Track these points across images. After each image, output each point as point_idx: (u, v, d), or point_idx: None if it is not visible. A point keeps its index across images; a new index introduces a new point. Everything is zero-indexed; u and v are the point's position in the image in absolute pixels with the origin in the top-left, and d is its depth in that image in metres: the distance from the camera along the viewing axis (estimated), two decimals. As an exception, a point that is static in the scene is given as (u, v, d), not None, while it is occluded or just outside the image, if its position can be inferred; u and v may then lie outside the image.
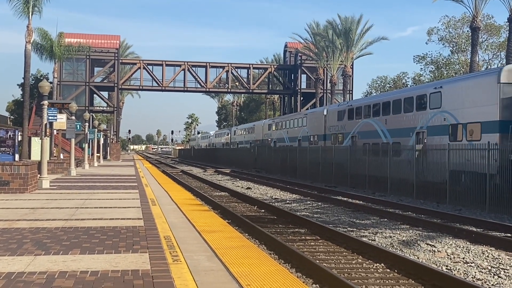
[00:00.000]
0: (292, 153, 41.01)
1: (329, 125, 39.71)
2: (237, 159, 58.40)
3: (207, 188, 30.35)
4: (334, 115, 38.51)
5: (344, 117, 36.52)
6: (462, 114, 23.41)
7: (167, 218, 11.84)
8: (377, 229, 15.03)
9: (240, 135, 77.17)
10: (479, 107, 22.26)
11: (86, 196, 17.06)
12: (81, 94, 71.09)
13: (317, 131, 42.72)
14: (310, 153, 37.28)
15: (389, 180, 26.52)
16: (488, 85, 21.79)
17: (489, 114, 21.62)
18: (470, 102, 22.92)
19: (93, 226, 10.46)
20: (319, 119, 42.28)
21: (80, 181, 24.55)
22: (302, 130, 47.03)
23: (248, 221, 15.27)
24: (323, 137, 40.86)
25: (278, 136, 54.72)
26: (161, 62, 75.94)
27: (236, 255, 7.82)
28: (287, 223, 16.03)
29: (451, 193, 21.43)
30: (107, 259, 7.41)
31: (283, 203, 22.50)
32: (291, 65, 79.30)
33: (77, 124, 43.69)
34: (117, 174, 32.36)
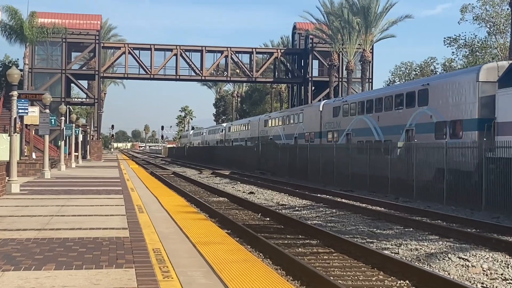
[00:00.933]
0: (302, 152, 40.99)
1: (324, 122, 43.06)
2: (238, 159, 58.43)
3: (203, 193, 30.37)
4: (329, 111, 41.98)
5: (339, 114, 40.10)
6: (446, 112, 26.94)
7: (156, 227, 11.84)
8: (401, 240, 15.02)
9: (235, 131, 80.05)
10: (461, 105, 25.91)
11: (62, 202, 17.09)
12: (56, 83, 71.16)
13: (313, 128, 45.83)
14: (322, 152, 37.29)
15: (415, 183, 26.51)
16: (468, 83, 25.32)
17: (469, 112, 25.22)
18: (453, 100, 26.53)
19: (71, 237, 10.46)
20: (315, 115, 45.18)
21: (55, 185, 24.57)
22: (298, 127, 50.06)
23: (250, 231, 15.28)
24: (319, 135, 44.10)
25: (274, 133, 57.85)
26: (149, 46, 75.92)
27: (236, 271, 7.82)
28: (296, 234, 16.03)
29: (487, 199, 22.03)
30: (86, 275, 7.42)
31: (291, 210, 22.50)
32: (300, 50, 79.22)
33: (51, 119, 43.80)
34: (98, 176, 32.38)
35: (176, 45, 76.30)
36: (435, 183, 24.90)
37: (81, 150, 62.94)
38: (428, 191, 25.39)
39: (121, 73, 77.40)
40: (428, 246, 14.21)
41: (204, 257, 8.77)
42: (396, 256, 12.81)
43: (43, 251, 9.11)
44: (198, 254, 9.03)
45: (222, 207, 23.07)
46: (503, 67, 24.36)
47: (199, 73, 76.25)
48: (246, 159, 55.56)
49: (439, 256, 13.00)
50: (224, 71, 78.75)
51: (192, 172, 52.54)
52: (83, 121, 78.89)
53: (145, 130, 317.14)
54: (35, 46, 65.87)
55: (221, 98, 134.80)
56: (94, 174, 35.24)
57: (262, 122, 64.71)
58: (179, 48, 75.90)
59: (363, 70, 65.76)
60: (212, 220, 17.00)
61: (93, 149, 72.06)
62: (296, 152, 42.16)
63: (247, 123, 73.52)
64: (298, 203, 25.06)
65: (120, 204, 16.65)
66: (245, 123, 75.15)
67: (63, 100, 67.87)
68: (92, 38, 71.99)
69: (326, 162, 36.40)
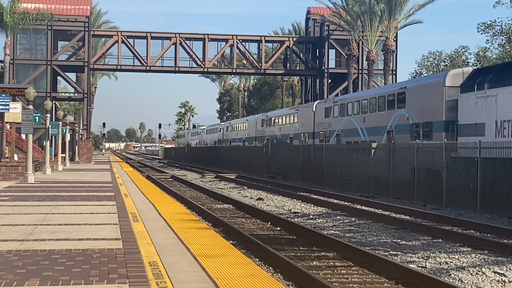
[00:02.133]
0: (317, 153, 40.98)
1: (317, 122, 48.15)
2: (245, 161, 58.49)
3: (206, 199, 30.42)
4: (322, 112, 47.26)
5: (330, 114, 45.40)
6: (420, 114, 32.28)
7: (153, 238, 11.87)
8: (428, 253, 15.01)
9: (232, 131, 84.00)
10: (431, 108, 31.13)
11: (47, 209, 17.14)
12: (41, 76, 71.43)
13: (307, 128, 50.66)
14: (341, 153, 37.29)
15: (445, 189, 26.49)
16: (437, 88, 30.80)
17: (437, 114, 30.44)
18: (425, 103, 31.79)
19: (57, 249, 10.49)
20: (308, 115, 50.21)
21: (40, 190, 24.65)
22: (293, 127, 54.79)
23: (259, 242, 15.29)
24: (312, 135, 49.00)
25: (271, 133, 62.46)
26: (145, 34, 76.12)
27: (243, 287, 7.82)
28: (310, 245, 16.03)
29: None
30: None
31: (305, 218, 22.52)
32: (315, 38, 79.21)
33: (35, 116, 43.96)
34: (88, 180, 32.47)
35: (175, 33, 76.47)
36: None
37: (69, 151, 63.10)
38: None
39: (114, 65, 77.59)
40: (459, 259, 14.18)
41: (207, 271, 8.78)
42: (423, 270, 12.79)
43: (26, 264, 9.13)
44: (200, 268, 9.04)
45: (227, 215, 23.09)
46: (467, 73, 29.45)
47: (201, 64, 76.36)
48: (254, 161, 55.59)
49: (471, 270, 12.98)
50: (229, 62, 78.83)
51: (193, 176, 52.62)
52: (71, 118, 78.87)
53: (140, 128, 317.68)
54: (17, 34, 66.06)
55: (226, 93, 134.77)
56: (83, 178, 35.32)
57: (259, 121, 68.65)
58: (178, 36, 76.04)
59: (385, 60, 65.66)
60: (216, 230, 17.01)
61: (82, 150, 72.27)
62: (310, 153, 42.13)
63: (245, 123, 77.23)
64: (312, 211, 25.06)
65: (113, 211, 16.68)
66: (243, 123, 79.01)
67: (48, 95, 68.19)
68: (81, 25, 72.21)
69: (344, 164, 36.39)
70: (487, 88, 26.71)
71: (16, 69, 69.99)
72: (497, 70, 28.10)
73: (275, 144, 52.90)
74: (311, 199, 29.18)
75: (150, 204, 19.20)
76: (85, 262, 9.31)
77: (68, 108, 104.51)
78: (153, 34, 76.31)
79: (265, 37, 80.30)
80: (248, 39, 79.04)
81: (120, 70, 79.68)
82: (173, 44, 75.87)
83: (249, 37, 79.48)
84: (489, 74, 27.62)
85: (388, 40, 64.80)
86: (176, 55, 75.90)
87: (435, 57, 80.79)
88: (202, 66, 76.69)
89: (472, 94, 27.62)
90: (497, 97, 26.03)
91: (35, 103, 39.41)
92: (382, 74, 67.48)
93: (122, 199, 20.70)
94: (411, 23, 66.89)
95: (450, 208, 25.35)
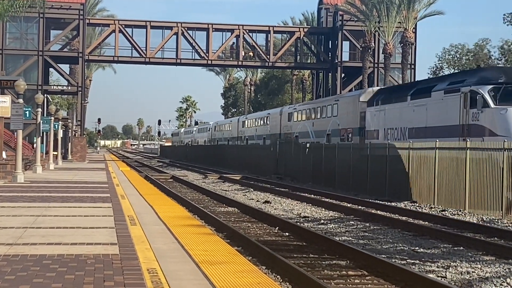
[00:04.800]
0: (328, 152, 40.99)
1: (283, 125, 61.99)
2: (251, 161, 58.54)
3: (209, 202, 30.47)
4: (286, 116, 61.47)
5: (291, 119, 59.73)
6: (345, 122, 46.25)
7: (152, 243, 11.88)
8: (449, 262, 15.00)
9: (219, 131, 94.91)
10: (351, 117, 45.00)
11: (38, 211, 17.16)
12: (32, 67, 71.59)
13: (275, 130, 64.03)
14: (354, 153, 37.36)
15: (467, 191, 26.40)
16: (354, 102, 44.94)
17: (355, 122, 44.23)
18: (349, 113, 45.83)
19: (48, 254, 10.50)
20: (277, 119, 64.23)
21: (30, 190, 24.68)
22: (266, 129, 67.73)
23: (266, 248, 15.28)
24: (279, 136, 61.35)
25: (250, 133, 74.93)
26: (144, 23, 76.20)
27: (249, 297, 7.82)
28: (321, 252, 16.04)
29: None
30: (67, 300, 7.45)
31: (315, 223, 22.53)
32: (328, 29, 79.14)
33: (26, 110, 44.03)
34: (82, 180, 32.55)
35: (176, 22, 76.52)
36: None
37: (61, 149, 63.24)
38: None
39: (110, 56, 77.75)
40: (482, 269, 14.15)
41: (210, 279, 8.79)
42: (444, 281, 12.77)
43: (15, 270, 9.14)
44: (203, 275, 9.05)
45: (232, 219, 23.11)
46: (375, 91, 43.48)
47: (204, 56, 76.39)
48: (260, 161, 55.62)
49: (495, 281, 12.96)
50: (235, 54, 78.82)
51: (195, 176, 52.67)
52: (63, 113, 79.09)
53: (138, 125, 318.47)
54: (6, 22, 66.17)
55: (230, 87, 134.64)
56: (77, 177, 35.39)
57: (240, 122, 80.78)
58: (180, 25, 76.07)
59: (403, 53, 65.59)
60: (220, 235, 17.02)
61: (76, 148, 72.44)
62: (321, 153, 42.14)
63: (230, 123, 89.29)
64: (323, 215, 25.06)
65: (108, 214, 16.71)
66: (228, 123, 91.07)
67: (40, 88, 68.23)
68: (75, 13, 72.34)
69: (357, 165, 36.43)
70: (380, 104, 39.95)
71: (5, 60, 70.23)
72: (389, 90, 43.24)
73: (283, 143, 53.01)
74: (322, 202, 29.19)
75: (148, 206, 19.22)
76: (78, 268, 9.32)
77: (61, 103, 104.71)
78: (153, 23, 76.36)
79: (273, 27, 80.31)
80: (256, 29, 79.04)
81: (117, 62, 79.97)
82: (175, 34, 75.88)
83: (257, 27, 79.51)
84: (384, 94, 41.14)
85: (407, 32, 64.67)
86: (177, 46, 75.93)
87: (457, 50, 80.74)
88: (205, 58, 76.67)
89: (372, 108, 41.26)
90: (385, 111, 39.12)
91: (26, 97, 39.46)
92: (400, 68, 67.38)
93: (119, 200, 20.71)
94: (432, 13, 66.77)
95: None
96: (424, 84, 38.45)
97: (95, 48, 77.87)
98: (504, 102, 29.21)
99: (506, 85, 29.85)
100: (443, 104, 32.84)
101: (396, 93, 39.63)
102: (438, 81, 36.94)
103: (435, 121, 33.49)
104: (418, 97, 35.66)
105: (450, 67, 77.82)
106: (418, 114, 35.20)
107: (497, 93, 29.66)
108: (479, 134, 29.50)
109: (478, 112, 29.92)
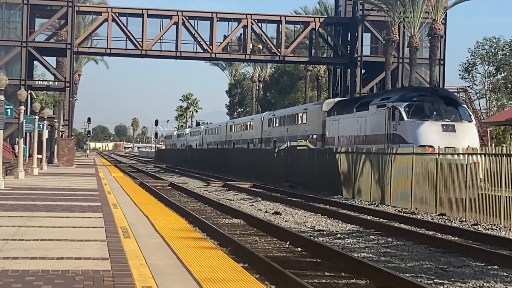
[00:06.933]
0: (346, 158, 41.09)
1: (264, 130, 73.26)
2: (259, 167, 58.43)
3: (212, 213, 30.47)
4: (266, 122, 73.01)
5: (271, 124, 71.50)
6: (311, 128, 58.24)
7: (147, 258, 11.92)
8: (481, 282, 15.00)
9: (209, 135, 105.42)
10: (316, 124, 57.15)
11: (20, 221, 17.20)
12: (14, 60, 71.63)
13: (257, 135, 75.12)
14: (374, 158, 37.41)
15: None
16: (318, 111, 57.14)
17: (318, 129, 55.89)
18: (314, 121, 57.97)
19: (32, 270, 10.53)
20: (259, 124, 75.37)
21: (11, 198, 24.69)
22: (250, 133, 79.36)
23: (275, 265, 15.27)
24: (260, 140, 73.72)
25: (236, 137, 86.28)
26: (140, 11, 76.16)
27: (256, 318, 7.89)
28: (337, 270, 16.04)
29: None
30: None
31: (331, 237, 22.50)
32: (347, 19, 78.95)
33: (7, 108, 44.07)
34: (69, 187, 32.54)
35: (177, 10, 76.45)
36: None
37: (46, 152, 63.35)
38: None
39: (102, 48, 77.59)
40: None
41: (213, 299, 8.83)
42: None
43: (-4, 287, 9.19)
44: (204, 294, 9.09)
45: (237, 232, 23.11)
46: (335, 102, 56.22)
47: (207, 49, 76.30)
48: (270, 167, 55.53)
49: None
50: (242, 47, 78.78)
51: (196, 184, 52.62)
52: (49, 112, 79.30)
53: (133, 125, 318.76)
54: (-15, 9, 66.32)
55: (237, 84, 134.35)
56: (63, 184, 35.39)
57: (228, 127, 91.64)
58: (181, 14, 76.02)
59: (432, 47, 65.29)
60: (224, 250, 17.01)
61: (63, 151, 72.44)
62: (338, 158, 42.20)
63: (218, 127, 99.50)
64: (340, 229, 25.01)
65: (99, 225, 16.74)
66: (217, 127, 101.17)
67: (23, 83, 68.28)
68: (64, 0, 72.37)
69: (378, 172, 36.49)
70: (336, 114, 51.02)
71: (-16, 52, 70.27)
72: (343, 102, 54.57)
73: (295, 146, 53.18)
74: (339, 214, 29.14)
75: (144, 217, 19.25)
76: (65, 286, 9.36)
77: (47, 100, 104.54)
78: (150, 12, 76.30)
79: (285, 17, 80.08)
80: (265, 19, 78.82)
81: (109, 55, 79.85)
82: (174, 24, 75.82)
83: (267, 16, 79.32)
84: (339, 105, 52.65)
85: (435, 23, 64.38)
86: (177, 37, 75.81)
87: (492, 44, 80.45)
88: (208, 51, 76.50)
89: (331, 118, 52.06)
90: (339, 121, 49.87)
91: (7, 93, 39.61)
92: (428, 64, 67.04)
93: (111, 210, 20.74)
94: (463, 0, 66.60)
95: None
96: (367, 98, 49.98)
97: (85, 39, 77.82)
98: (414, 116, 39.99)
99: (417, 102, 40.87)
100: (376, 117, 43.57)
101: (346, 106, 50.97)
102: (375, 97, 47.84)
103: (371, 131, 44.13)
104: (361, 109, 46.32)
105: (484, 63, 77.53)
106: (360, 124, 45.96)
107: (411, 109, 40.36)
108: (398, 141, 39.97)
109: (396, 124, 40.75)
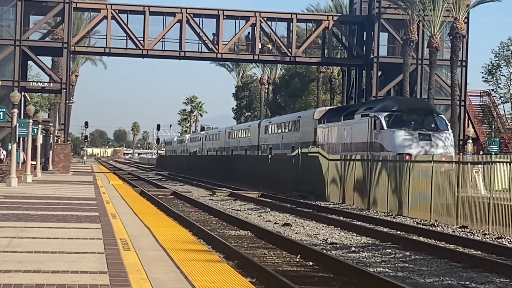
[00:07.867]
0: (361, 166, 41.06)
1: (261, 137, 77.68)
2: (268, 175, 58.64)
3: (217, 224, 30.50)
4: (263, 129, 77.53)
5: (267, 131, 76.03)
6: (304, 135, 62.30)
7: (149, 272, 11.87)
8: (507, 300, 14.89)
9: (208, 141, 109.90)
10: (308, 132, 61.44)
11: (13, 232, 17.20)
12: (7, 59, 71.82)
13: (255, 142, 79.70)
14: (391, 166, 37.38)
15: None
16: (310, 119, 61.48)
17: (311, 136, 60.20)
18: (306, 128, 62.40)
19: (25, 284, 10.47)
20: (255, 130, 79.96)
21: (3, 207, 24.78)
22: (247, 140, 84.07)
23: (285, 280, 15.22)
24: (257, 147, 78.30)
25: (234, 144, 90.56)
26: (142, 8, 76.37)
27: None
28: (351, 286, 16.04)
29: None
30: None
31: (345, 251, 22.50)
32: (362, 17, 79.13)
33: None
34: (65, 196, 32.65)
35: (180, 7, 76.64)
36: None
37: (41, 158, 63.45)
38: None
39: (101, 47, 77.86)
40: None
41: (219, 318, 8.71)
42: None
43: (-16, 303, 9.10)
44: (210, 313, 8.98)
45: (244, 245, 23.11)
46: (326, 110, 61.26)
47: (213, 48, 76.47)
48: (279, 175, 55.64)
49: None
50: (250, 47, 78.87)
51: (200, 193, 52.72)
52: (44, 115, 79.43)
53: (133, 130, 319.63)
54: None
55: (244, 86, 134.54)
56: (59, 192, 35.50)
57: (227, 133, 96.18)
58: (185, 11, 76.22)
59: (453, 48, 65.17)
60: (230, 263, 17.02)
61: (58, 157, 72.64)
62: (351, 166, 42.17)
63: (218, 134, 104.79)
64: (355, 241, 25.02)
65: (97, 237, 16.73)
66: (216, 133, 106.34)
67: (16, 85, 68.45)
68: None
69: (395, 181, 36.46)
70: (326, 123, 56.16)
71: (-24, 51, 70.46)
72: (333, 111, 59.50)
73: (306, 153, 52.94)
74: (353, 226, 29.11)
75: (145, 228, 19.28)
76: (60, 302, 9.28)
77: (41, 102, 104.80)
78: (152, 9, 76.43)
79: (297, 14, 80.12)
80: (275, 17, 78.98)
81: (109, 54, 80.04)
82: (178, 22, 76.02)
83: (277, 14, 79.45)
84: (329, 113, 57.65)
85: (457, 22, 64.25)
86: (181, 36, 76.01)
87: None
88: (214, 51, 76.66)
89: (321, 125, 57.01)
90: (329, 129, 55.07)
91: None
92: (449, 65, 66.91)
93: (109, 220, 20.78)
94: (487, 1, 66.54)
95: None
96: (353, 107, 54.85)
97: (83, 37, 78.01)
98: (393, 126, 45.08)
99: (397, 112, 46.07)
100: (360, 125, 48.40)
101: (336, 114, 55.88)
102: (361, 106, 53.15)
103: (356, 139, 48.94)
104: (347, 118, 51.53)
105: (509, 65, 77.40)
106: (347, 132, 51.12)
107: (390, 119, 45.41)
108: (378, 149, 44.70)
109: (377, 132, 45.52)
